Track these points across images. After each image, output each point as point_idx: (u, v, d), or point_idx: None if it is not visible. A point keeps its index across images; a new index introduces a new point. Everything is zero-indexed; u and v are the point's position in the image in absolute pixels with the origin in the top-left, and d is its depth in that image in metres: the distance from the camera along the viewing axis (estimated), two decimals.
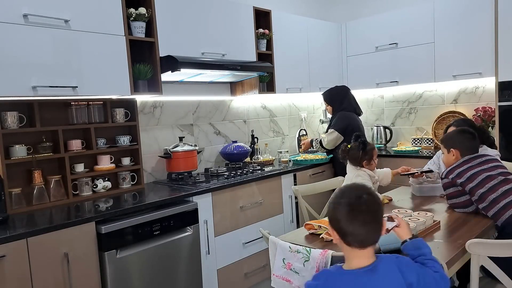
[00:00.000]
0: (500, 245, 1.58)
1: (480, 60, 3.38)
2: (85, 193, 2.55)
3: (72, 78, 2.26)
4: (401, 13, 3.83)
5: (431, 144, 3.92)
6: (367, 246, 1.26)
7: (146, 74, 2.64)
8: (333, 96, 3.55)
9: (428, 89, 4.03)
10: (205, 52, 2.95)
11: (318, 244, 1.74)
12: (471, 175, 2.03)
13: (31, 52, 2.11)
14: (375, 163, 2.48)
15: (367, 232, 1.24)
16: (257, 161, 3.51)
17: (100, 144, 2.64)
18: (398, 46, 3.87)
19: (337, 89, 3.57)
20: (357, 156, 2.41)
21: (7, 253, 1.79)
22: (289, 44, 3.67)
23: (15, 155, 2.29)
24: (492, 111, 3.46)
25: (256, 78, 3.38)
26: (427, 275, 1.29)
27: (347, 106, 3.48)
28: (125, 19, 2.49)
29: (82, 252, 2.04)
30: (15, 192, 2.26)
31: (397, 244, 1.56)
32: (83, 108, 2.60)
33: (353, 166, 2.45)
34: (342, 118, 3.42)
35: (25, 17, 2.08)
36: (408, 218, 1.85)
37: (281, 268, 1.67)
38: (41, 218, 2.13)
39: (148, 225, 2.29)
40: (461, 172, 2.08)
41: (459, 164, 2.12)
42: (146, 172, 2.98)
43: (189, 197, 2.55)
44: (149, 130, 3.03)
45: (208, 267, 2.65)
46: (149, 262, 2.29)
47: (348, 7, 4.56)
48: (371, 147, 2.45)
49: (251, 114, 3.81)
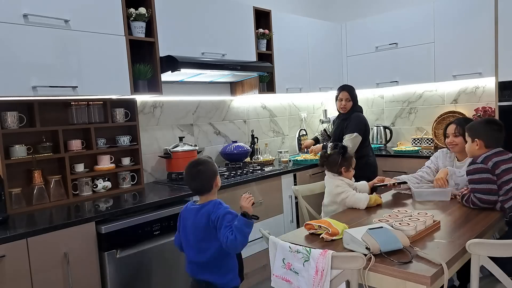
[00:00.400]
0: (500, 245, 1.58)
1: (480, 60, 3.38)
2: (85, 193, 2.55)
3: (72, 78, 2.26)
4: (401, 13, 3.83)
5: (431, 144, 3.92)
6: None
7: (146, 74, 2.64)
8: (355, 93, 3.38)
9: (428, 89, 4.03)
10: (205, 52, 2.95)
11: (318, 244, 1.74)
12: (506, 169, 2.04)
13: (31, 52, 2.11)
14: (352, 172, 2.51)
15: None
16: (257, 161, 3.51)
17: (100, 144, 2.64)
18: (398, 46, 3.87)
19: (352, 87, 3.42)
20: (336, 161, 2.46)
21: (7, 253, 1.79)
22: (289, 44, 3.67)
23: (15, 155, 2.29)
24: (492, 111, 3.46)
25: (256, 78, 3.38)
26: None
27: (359, 107, 3.39)
28: (125, 19, 2.49)
29: (82, 252, 2.04)
30: (15, 192, 2.26)
31: (397, 244, 1.57)
32: (83, 108, 2.60)
33: (331, 174, 2.50)
34: (359, 119, 3.26)
35: (25, 17, 2.08)
36: (408, 218, 1.85)
37: (281, 268, 1.67)
38: (41, 218, 2.13)
39: (148, 225, 2.29)
40: (497, 162, 2.06)
41: (495, 153, 2.10)
42: (146, 172, 2.98)
43: (189, 197, 2.55)
44: (149, 130, 3.03)
45: None
46: (149, 262, 2.29)
47: (348, 7, 4.56)
48: (351, 156, 2.53)
49: (251, 114, 3.81)
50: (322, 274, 1.52)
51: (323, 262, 1.52)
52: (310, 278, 1.55)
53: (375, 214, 2.17)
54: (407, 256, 1.53)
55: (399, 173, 3.60)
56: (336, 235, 1.76)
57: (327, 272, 1.51)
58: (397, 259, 1.51)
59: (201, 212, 1.87)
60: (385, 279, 1.50)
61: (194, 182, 1.91)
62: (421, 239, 1.72)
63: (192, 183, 1.92)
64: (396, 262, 1.49)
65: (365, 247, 1.54)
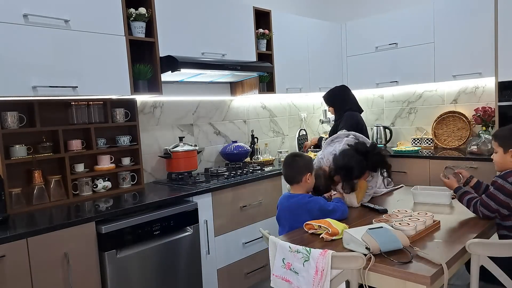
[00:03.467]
0: (500, 245, 1.58)
1: (480, 60, 3.38)
2: (85, 193, 2.55)
3: (72, 78, 2.26)
4: (401, 13, 3.83)
5: (431, 144, 3.92)
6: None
7: (146, 74, 2.64)
8: (334, 96, 3.44)
9: (428, 89, 4.03)
10: (205, 52, 2.95)
11: (318, 244, 1.74)
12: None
13: (31, 52, 2.11)
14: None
15: None
16: (257, 161, 3.51)
17: (100, 144, 2.64)
18: (398, 46, 3.87)
19: (337, 90, 3.47)
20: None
21: (7, 253, 1.79)
22: (289, 44, 3.68)
23: (15, 155, 2.29)
24: (492, 111, 3.46)
25: (256, 78, 3.38)
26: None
27: (353, 106, 3.38)
28: (125, 19, 2.49)
29: (82, 252, 2.04)
30: (15, 192, 2.26)
31: (397, 244, 1.57)
32: (83, 108, 2.60)
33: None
34: (349, 117, 3.29)
35: (25, 17, 2.08)
36: (408, 218, 1.85)
37: (281, 268, 1.67)
38: (41, 218, 2.13)
39: (148, 225, 2.29)
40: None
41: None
42: (146, 172, 2.98)
43: (189, 197, 2.55)
44: (149, 130, 3.03)
45: (208, 267, 2.65)
46: (149, 262, 2.29)
47: (348, 7, 4.56)
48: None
49: (251, 114, 3.82)
50: (322, 274, 1.52)
51: (323, 262, 1.52)
52: (310, 278, 1.55)
53: (375, 214, 2.17)
54: (407, 256, 1.53)
55: (399, 173, 3.62)
56: (336, 235, 1.76)
57: (327, 272, 1.51)
58: (397, 259, 1.51)
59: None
60: (385, 279, 1.50)
61: (286, 170, 2.13)
62: (421, 239, 1.72)
63: (284, 170, 2.14)
64: (396, 262, 1.49)
65: (365, 247, 1.54)
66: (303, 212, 2.01)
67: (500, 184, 1.88)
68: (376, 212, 2.16)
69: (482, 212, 1.92)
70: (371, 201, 2.38)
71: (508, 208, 1.87)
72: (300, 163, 2.10)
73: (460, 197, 2.03)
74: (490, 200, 1.89)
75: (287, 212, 2.08)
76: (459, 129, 3.81)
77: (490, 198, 1.89)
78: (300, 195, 2.07)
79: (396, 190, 2.69)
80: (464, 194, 2.02)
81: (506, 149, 1.93)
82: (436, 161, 3.45)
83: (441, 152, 3.65)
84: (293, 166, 2.10)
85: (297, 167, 2.09)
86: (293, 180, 2.10)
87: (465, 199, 2.00)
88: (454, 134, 3.84)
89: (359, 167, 2.17)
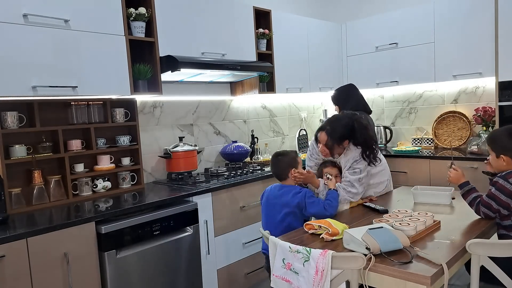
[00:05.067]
0: (500, 245, 1.58)
1: (480, 60, 3.38)
2: (85, 193, 2.55)
3: (72, 78, 2.26)
4: (401, 13, 3.83)
5: (431, 144, 3.92)
6: None
7: (146, 74, 2.64)
8: (338, 95, 3.39)
9: (428, 89, 4.03)
10: (205, 52, 2.95)
11: (318, 244, 1.74)
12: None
13: (31, 52, 2.11)
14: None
15: None
16: (257, 161, 3.51)
17: (100, 144, 2.64)
18: (398, 46, 3.87)
19: (342, 89, 3.42)
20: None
21: (7, 253, 1.79)
22: (289, 44, 3.67)
23: (15, 155, 2.29)
24: (492, 111, 3.46)
25: (256, 78, 3.37)
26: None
27: (355, 105, 3.30)
28: (125, 19, 2.49)
29: (82, 252, 2.04)
30: (15, 192, 2.26)
31: (397, 244, 1.56)
32: (83, 108, 2.60)
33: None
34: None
35: (25, 17, 2.08)
36: (408, 218, 1.85)
37: (281, 268, 1.67)
38: (41, 218, 2.12)
39: (148, 225, 2.29)
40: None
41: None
42: (146, 172, 2.98)
43: (189, 197, 2.55)
44: (149, 130, 3.03)
45: (208, 267, 2.65)
46: (149, 262, 2.29)
47: (348, 7, 4.56)
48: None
49: (251, 114, 3.81)
50: (322, 274, 1.52)
51: (323, 262, 1.52)
52: (310, 278, 1.55)
53: (375, 214, 2.17)
54: (407, 256, 1.53)
55: (400, 173, 3.61)
56: (336, 235, 1.76)
57: (327, 272, 1.51)
58: (397, 259, 1.51)
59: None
60: (385, 279, 1.50)
61: (272, 169, 2.34)
62: (421, 239, 1.72)
63: (271, 169, 2.36)
64: (396, 262, 1.49)
65: (365, 247, 1.54)
66: (293, 195, 2.19)
67: (501, 185, 1.88)
68: (376, 212, 2.17)
69: (483, 212, 1.92)
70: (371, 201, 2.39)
71: (508, 209, 1.87)
72: (282, 161, 2.28)
73: (465, 194, 2.01)
74: (491, 200, 1.89)
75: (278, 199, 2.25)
76: (459, 129, 3.81)
77: (491, 199, 1.90)
78: (290, 185, 2.27)
79: (396, 190, 2.69)
80: (471, 191, 2.00)
81: (497, 154, 1.96)
82: (437, 161, 3.44)
83: (441, 152, 3.64)
84: (277, 165, 2.30)
85: (281, 165, 2.27)
86: (280, 177, 2.30)
87: (469, 197, 1.98)
88: (454, 134, 3.84)
89: (344, 128, 2.32)
